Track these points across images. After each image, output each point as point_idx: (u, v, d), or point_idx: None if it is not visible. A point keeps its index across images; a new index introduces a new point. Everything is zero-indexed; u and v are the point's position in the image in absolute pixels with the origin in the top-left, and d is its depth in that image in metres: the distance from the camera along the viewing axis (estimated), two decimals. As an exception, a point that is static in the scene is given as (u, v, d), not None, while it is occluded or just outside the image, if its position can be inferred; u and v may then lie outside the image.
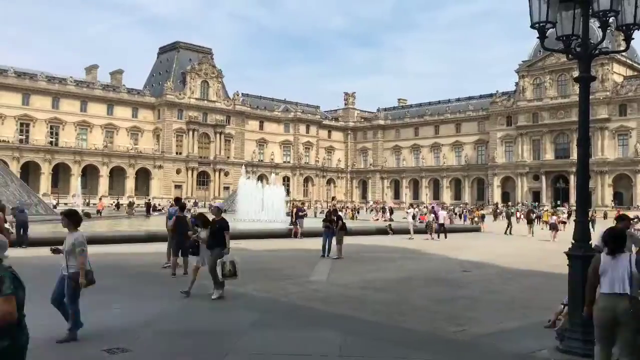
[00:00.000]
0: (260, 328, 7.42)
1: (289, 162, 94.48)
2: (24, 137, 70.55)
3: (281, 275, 12.54)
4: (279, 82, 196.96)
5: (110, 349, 6.10)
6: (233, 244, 20.91)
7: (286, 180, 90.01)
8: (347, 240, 17.88)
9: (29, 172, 68.93)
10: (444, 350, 6.71)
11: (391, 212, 44.63)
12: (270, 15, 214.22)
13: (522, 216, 44.04)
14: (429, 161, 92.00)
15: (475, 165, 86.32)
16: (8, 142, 68.00)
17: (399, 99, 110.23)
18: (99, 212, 41.02)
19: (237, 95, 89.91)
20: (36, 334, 6.78)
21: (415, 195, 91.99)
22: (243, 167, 70.29)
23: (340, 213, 19.92)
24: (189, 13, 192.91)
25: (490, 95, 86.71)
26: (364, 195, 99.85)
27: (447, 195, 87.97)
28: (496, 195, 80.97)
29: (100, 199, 61.80)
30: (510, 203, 73.12)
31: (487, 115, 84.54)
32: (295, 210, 25.54)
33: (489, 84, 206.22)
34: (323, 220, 17.45)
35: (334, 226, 16.62)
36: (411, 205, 41.68)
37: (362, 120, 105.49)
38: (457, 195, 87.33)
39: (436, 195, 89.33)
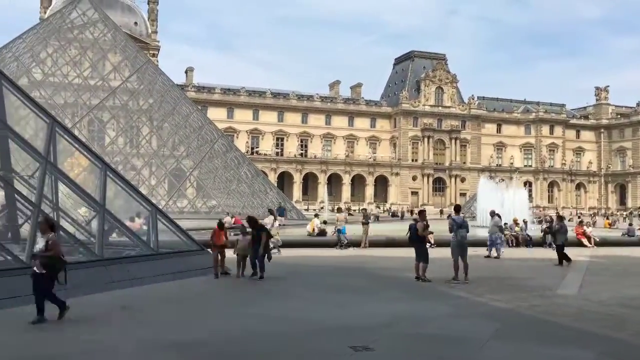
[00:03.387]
0: (501, 339, 7.10)
1: (530, 165, 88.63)
2: (279, 150, 79.68)
3: (523, 286, 11.80)
4: (519, 83, 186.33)
5: (355, 346, 6.46)
6: (472, 251, 20.45)
7: (528, 186, 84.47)
8: (603, 251, 16.02)
9: (284, 181, 77.38)
10: None
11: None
12: (516, 14, 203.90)
13: None
14: None
15: None
16: (267, 155, 77.48)
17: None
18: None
19: (473, 99, 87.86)
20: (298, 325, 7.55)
21: (690, 200, 78.01)
22: (480, 172, 68.26)
23: (591, 219, 17.61)
24: (429, 23, 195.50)
25: None
26: (622, 201, 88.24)
27: None
28: None
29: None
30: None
31: None
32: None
33: None
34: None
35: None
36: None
37: (618, 116, 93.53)
38: None
39: None
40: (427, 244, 20.72)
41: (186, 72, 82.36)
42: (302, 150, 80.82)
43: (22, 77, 30.94)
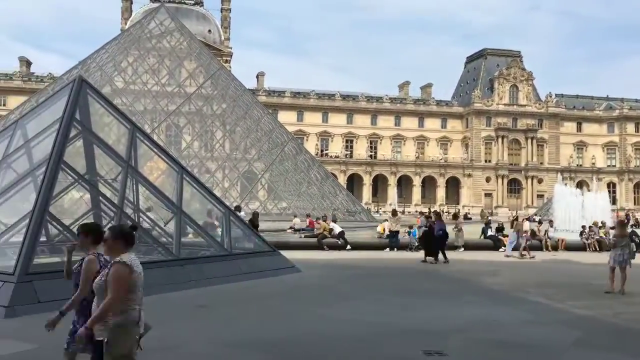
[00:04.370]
0: (582, 348, 6.75)
1: (614, 166, 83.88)
2: (348, 152, 79.79)
3: (607, 293, 11.17)
4: (601, 79, 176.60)
5: (428, 350, 6.35)
6: (551, 255, 19.60)
7: (611, 187, 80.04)
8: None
9: (353, 183, 77.37)
10: None
11: None
12: (597, 7, 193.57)
13: None
14: None
15: None
16: (337, 157, 77.79)
17: None
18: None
19: (550, 96, 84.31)
20: (362, 328, 7.53)
21: None
22: (558, 173, 65.40)
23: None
24: (504, 21, 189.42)
25: None
26: None
27: None
28: None
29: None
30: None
31: None
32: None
33: None
34: None
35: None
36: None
37: None
38: None
39: None
40: (503, 247, 20.23)
41: (257, 76, 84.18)
42: (371, 152, 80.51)
43: (106, 86, 32.70)
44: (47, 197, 8.71)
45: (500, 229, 21.97)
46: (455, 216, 24.30)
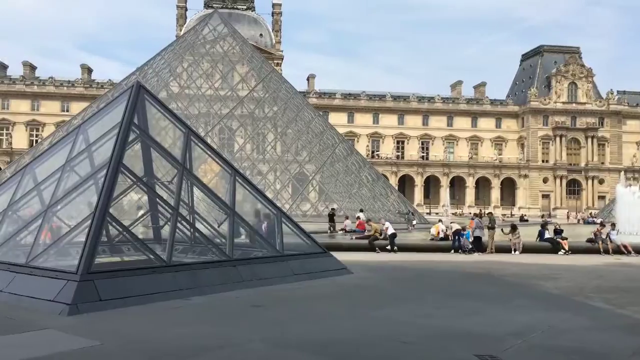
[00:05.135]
0: (647, 357, 6.45)
1: (681, 165, 79.71)
2: (399, 153, 79.13)
3: (675, 299, 10.61)
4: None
5: (481, 355, 6.22)
6: (613, 258, 18.83)
7: (679, 187, 75.99)
8: None
9: (405, 184, 76.68)
10: None
11: None
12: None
13: None
14: None
15: None
16: (388, 158, 77.30)
17: None
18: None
19: (612, 93, 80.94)
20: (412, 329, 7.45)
21: None
22: (621, 173, 62.65)
23: None
24: (563, 17, 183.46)
25: None
26: None
27: None
28: None
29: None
30: None
31: None
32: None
33: None
34: None
35: None
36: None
37: None
38: None
39: None
40: (562, 250, 19.56)
41: (308, 79, 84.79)
42: (423, 152, 79.59)
43: (162, 91, 33.74)
44: (107, 199, 9.05)
45: (559, 232, 21.26)
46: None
